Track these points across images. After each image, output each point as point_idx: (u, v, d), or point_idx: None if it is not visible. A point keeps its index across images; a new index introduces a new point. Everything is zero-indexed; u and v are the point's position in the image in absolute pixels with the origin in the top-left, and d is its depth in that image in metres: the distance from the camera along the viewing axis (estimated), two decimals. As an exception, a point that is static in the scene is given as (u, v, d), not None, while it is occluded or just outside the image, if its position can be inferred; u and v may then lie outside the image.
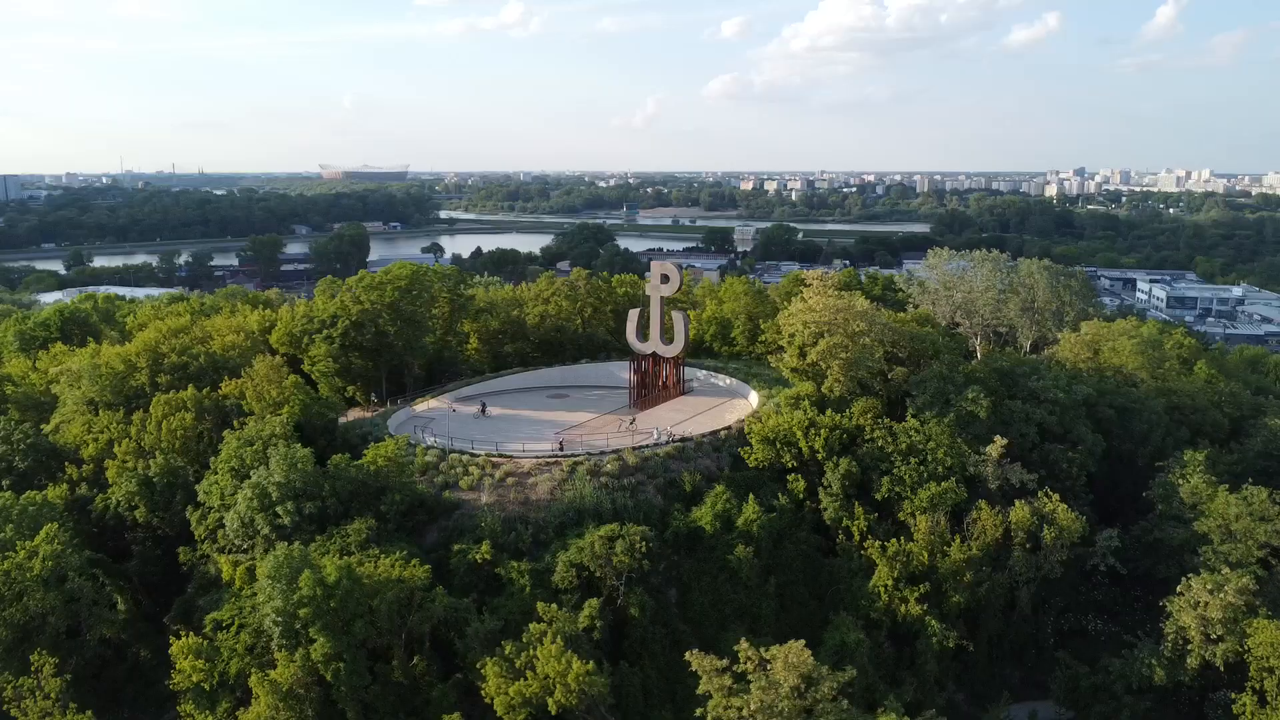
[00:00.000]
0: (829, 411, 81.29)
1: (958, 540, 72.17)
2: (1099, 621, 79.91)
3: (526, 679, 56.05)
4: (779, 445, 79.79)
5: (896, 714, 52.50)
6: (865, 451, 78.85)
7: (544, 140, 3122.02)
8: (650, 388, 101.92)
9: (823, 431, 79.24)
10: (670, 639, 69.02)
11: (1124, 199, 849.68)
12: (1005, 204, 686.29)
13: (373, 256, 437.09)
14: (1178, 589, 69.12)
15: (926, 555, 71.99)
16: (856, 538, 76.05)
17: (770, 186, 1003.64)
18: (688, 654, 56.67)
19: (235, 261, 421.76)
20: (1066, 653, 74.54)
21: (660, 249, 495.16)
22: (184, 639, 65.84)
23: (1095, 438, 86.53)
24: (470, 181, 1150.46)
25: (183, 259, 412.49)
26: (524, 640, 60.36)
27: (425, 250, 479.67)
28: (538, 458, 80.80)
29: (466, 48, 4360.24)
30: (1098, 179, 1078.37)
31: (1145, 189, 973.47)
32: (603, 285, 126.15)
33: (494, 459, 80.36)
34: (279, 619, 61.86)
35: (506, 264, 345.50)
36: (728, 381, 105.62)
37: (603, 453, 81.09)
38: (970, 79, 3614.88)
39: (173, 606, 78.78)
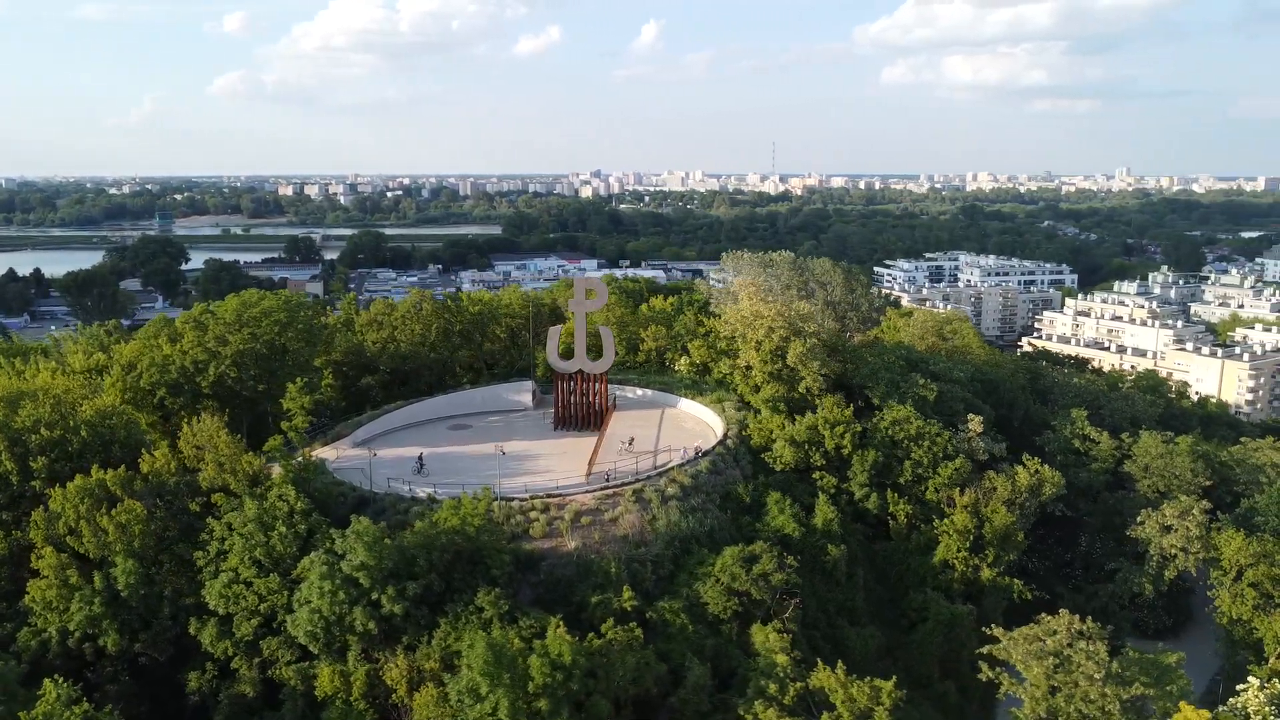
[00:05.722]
0: (835, 409, 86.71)
1: (1001, 507, 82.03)
2: (1033, 560, 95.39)
3: (838, 712, 54.43)
4: (808, 446, 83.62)
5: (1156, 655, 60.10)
6: (880, 440, 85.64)
7: (21, 140, 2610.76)
8: (579, 406, 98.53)
9: (839, 428, 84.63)
10: (809, 645, 70.23)
11: (647, 198, 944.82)
12: (563, 205, 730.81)
13: None
14: (1138, 519, 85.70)
15: (973, 524, 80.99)
16: (903, 520, 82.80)
17: (311, 191, 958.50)
18: (987, 648, 59.48)
19: None
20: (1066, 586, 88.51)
21: (238, 261, 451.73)
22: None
23: (987, 408, 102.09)
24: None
25: None
26: (779, 675, 58.25)
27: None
28: (588, 491, 75.95)
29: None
30: (613, 179, 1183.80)
31: (657, 188, 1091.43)
32: (451, 305, 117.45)
33: (546, 500, 73.90)
34: (507, 717, 52.91)
35: (92, 288, 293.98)
36: (640, 392, 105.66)
37: (649, 476, 78.51)
38: (486, 84, 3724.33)
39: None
